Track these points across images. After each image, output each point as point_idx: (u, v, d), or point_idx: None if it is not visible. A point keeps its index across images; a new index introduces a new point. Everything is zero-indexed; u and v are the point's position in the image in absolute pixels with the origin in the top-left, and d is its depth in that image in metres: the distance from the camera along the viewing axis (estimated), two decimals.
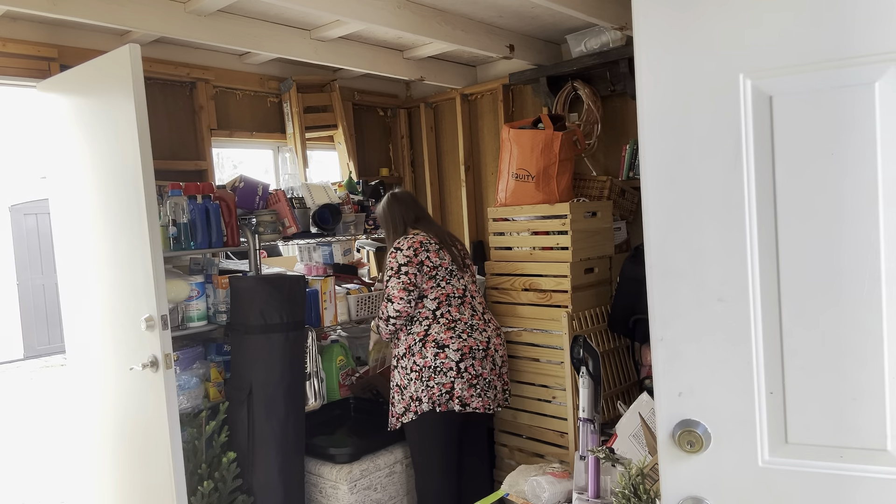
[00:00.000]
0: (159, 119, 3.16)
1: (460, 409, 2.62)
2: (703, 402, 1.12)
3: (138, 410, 2.49)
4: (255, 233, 2.95)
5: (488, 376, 2.68)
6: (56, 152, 2.75)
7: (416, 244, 2.71)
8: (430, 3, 2.91)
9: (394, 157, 4.39)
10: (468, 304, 2.75)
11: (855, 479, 1.04)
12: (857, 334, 1.02)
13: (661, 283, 1.14)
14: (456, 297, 2.73)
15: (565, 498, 2.36)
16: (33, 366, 8.74)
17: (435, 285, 2.71)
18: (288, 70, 3.64)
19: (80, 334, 2.78)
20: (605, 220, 2.96)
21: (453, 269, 2.76)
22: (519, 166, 2.90)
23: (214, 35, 2.84)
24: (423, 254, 2.71)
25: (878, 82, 0.98)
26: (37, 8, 2.34)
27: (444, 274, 2.73)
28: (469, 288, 2.80)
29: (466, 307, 2.73)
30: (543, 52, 3.54)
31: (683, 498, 1.14)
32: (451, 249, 2.80)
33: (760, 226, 1.06)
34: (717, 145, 1.08)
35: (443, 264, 2.73)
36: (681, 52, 1.10)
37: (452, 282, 2.74)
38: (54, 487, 4.26)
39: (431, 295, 2.70)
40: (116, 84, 2.35)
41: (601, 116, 3.30)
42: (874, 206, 0.99)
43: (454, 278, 2.75)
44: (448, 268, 2.74)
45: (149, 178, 2.31)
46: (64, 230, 2.77)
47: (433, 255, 2.72)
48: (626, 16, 2.89)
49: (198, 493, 2.56)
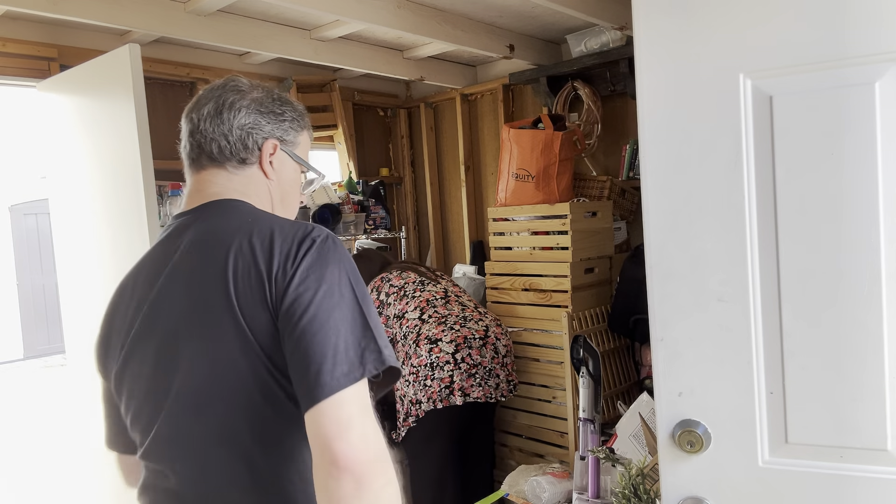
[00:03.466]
0: (159, 119, 3.15)
1: (462, 401, 2.54)
2: (704, 402, 1.12)
3: None
4: None
5: (489, 364, 2.62)
6: (56, 152, 2.75)
7: (371, 288, 2.80)
8: (430, 3, 2.90)
9: (394, 157, 4.39)
10: (454, 301, 2.75)
11: (855, 479, 1.04)
12: (858, 334, 1.02)
13: (661, 284, 1.14)
14: (438, 298, 2.73)
15: (565, 498, 2.36)
16: (33, 366, 8.73)
17: (409, 298, 2.73)
18: (288, 70, 3.64)
19: (80, 334, 2.78)
20: (605, 220, 2.96)
21: (423, 280, 2.81)
22: (519, 166, 2.90)
23: (214, 35, 2.84)
24: (384, 288, 2.81)
25: (878, 82, 0.98)
26: (37, 8, 2.34)
27: (412, 287, 2.77)
28: (450, 289, 2.81)
29: (453, 304, 2.72)
30: (543, 52, 3.54)
31: (683, 498, 1.14)
32: (417, 268, 2.89)
33: (760, 226, 1.06)
34: (718, 145, 1.08)
35: (407, 281, 2.80)
36: (681, 52, 1.10)
37: (427, 288, 2.77)
38: (55, 487, 4.26)
39: (411, 306, 2.70)
40: (116, 84, 2.35)
41: (601, 116, 3.30)
42: (874, 206, 0.99)
43: (427, 286, 2.79)
44: (415, 281, 2.80)
45: (149, 178, 2.31)
46: (64, 230, 2.77)
47: (395, 280, 2.82)
48: (626, 16, 2.89)
49: None
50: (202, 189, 1.09)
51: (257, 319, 0.94)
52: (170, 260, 1.04)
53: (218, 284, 0.96)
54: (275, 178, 1.12)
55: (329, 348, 0.90)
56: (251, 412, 0.97)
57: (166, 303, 1.02)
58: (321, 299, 0.92)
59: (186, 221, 1.07)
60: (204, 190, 1.09)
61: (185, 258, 1.03)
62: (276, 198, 1.14)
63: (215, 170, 1.09)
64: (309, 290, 0.92)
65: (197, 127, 1.09)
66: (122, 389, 1.08)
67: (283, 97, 1.17)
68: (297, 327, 0.91)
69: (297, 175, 1.19)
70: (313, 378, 0.88)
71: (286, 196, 1.16)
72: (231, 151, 1.08)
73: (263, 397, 0.96)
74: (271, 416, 0.97)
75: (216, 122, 1.08)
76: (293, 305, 0.92)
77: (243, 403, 0.96)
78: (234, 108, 1.09)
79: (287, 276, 0.94)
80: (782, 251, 1.05)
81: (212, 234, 1.02)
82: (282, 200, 1.15)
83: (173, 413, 1.00)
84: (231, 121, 1.08)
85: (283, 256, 0.95)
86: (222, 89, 1.12)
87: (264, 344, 0.94)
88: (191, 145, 1.10)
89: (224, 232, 1.01)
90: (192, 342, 0.98)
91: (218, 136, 1.08)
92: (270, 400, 0.96)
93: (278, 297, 0.93)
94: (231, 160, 1.09)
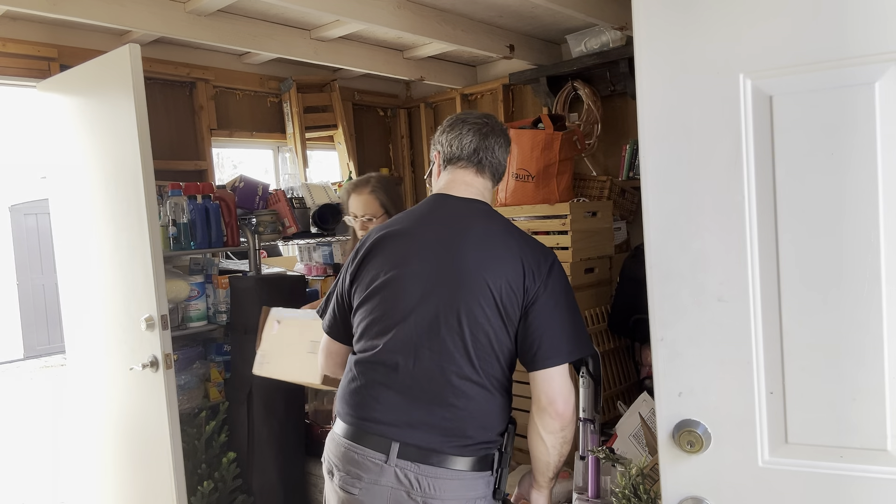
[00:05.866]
0: (159, 119, 3.15)
1: None
2: (703, 402, 1.12)
3: (138, 410, 2.49)
4: (255, 233, 2.95)
5: None
6: (56, 152, 2.75)
7: None
8: (430, 3, 2.90)
9: (394, 157, 4.39)
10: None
11: (855, 479, 1.04)
12: (858, 334, 1.02)
13: (661, 284, 1.14)
14: None
15: (565, 498, 2.36)
16: (33, 366, 8.73)
17: None
18: (288, 70, 3.64)
19: (80, 334, 2.78)
20: (605, 220, 2.96)
21: None
22: (519, 166, 2.89)
23: (214, 35, 2.84)
24: None
25: (878, 82, 0.98)
26: (37, 8, 2.34)
27: None
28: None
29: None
30: (543, 52, 3.54)
31: (683, 498, 1.14)
32: None
33: (760, 226, 1.06)
34: (718, 145, 1.08)
35: None
36: (681, 51, 1.10)
37: None
38: (54, 488, 4.26)
39: None
40: (116, 84, 2.35)
41: (601, 116, 3.30)
42: (874, 206, 0.99)
43: None
44: None
45: (149, 178, 2.31)
46: (64, 230, 2.77)
47: None
48: (626, 16, 2.89)
49: (198, 493, 2.56)
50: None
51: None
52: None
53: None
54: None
55: None
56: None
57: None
58: None
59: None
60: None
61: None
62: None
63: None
64: None
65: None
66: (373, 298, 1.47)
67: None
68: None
69: None
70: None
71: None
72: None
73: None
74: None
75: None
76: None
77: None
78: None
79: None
80: (782, 251, 1.05)
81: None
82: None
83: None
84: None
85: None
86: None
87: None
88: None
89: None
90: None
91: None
92: None
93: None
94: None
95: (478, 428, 1.39)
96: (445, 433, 1.37)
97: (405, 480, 1.36)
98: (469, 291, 1.37)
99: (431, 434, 1.36)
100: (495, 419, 1.42)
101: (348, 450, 1.41)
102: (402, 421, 1.38)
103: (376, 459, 1.37)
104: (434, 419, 1.37)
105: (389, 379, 1.40)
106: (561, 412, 1.38)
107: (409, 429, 1.37)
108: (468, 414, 1.38)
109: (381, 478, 1.37)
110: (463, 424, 1.38)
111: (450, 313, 1.37)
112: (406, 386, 1.38)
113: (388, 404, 1.39)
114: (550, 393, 1.38)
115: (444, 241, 1.43)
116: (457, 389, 1.37)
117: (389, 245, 1.47)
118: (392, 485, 1.36)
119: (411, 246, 1.45)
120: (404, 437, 1.37)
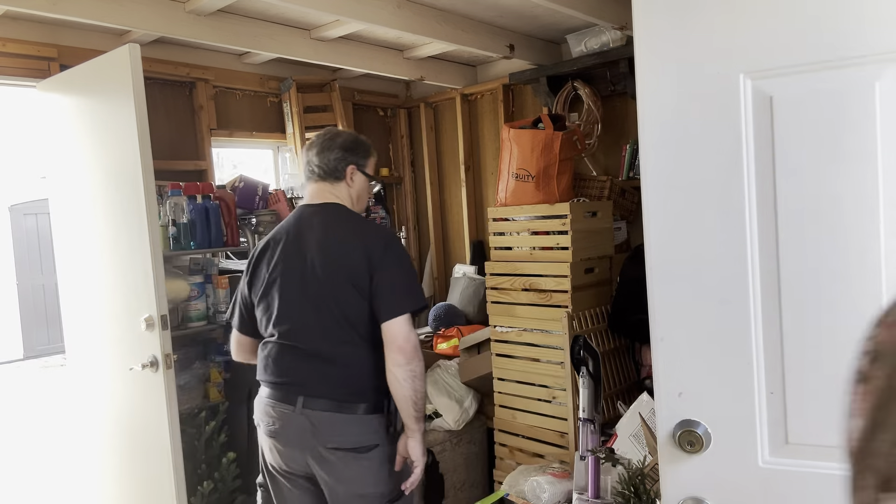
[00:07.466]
0: (159, 119, 3.15)
1: None
2: (704, 403, 1.12)
3: (138, 410, 2.49)
4: (254, 233, 2.95)
5: None
6: (56, 152, 2.75)
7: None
8: (430, 3, 2.90)
9: (394, 157, 4.39)
10: None
11: None
12: (858, 334, 1.02)
13: (661, 284, 1.14)
14: None
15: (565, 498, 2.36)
16: (33, 366, 8.73)
17: None
18: (288, 70, 3.64)
19: (80, 334, 2.78)
20: (605, 220, 2.96)
21: None
22: (519, 166, 2.89)
23: (214, 35, 2.84)
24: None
25: (878, 82, 0.98)
26: (37, 8, 2.34)
27: None
28: None
29: None
30: (543, 52, 3.54)
31: (683, 498, 1.14)
32: None
33: (761, 226, 1.06)
34: (718, 145, 1.08)
35: None
36: (681, 52, 1.10)
37: None
38: (55, 488, 4.26)
39: None
40: (116, 84, 2.35)
41: (601, 116, 3.29)
42: (874, 206, 0.99)
43: None
44: None
45: (149, 178, 2.31)
46: (64, 230, 2.77)
47: None
48: (626, 16, 2.89)
49: (198, 493, 2.56)
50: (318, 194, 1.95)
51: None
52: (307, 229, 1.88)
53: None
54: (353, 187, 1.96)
55: None
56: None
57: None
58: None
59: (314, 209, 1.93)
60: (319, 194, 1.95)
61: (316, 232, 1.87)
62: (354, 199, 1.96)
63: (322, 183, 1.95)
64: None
65: (311, 159, 1.94)
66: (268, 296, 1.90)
67: (360, 139, 2.01)
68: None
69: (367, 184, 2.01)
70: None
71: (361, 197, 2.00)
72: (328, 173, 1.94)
73: None
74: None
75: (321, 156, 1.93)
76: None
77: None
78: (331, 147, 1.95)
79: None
80: (782, 251, 1.05)
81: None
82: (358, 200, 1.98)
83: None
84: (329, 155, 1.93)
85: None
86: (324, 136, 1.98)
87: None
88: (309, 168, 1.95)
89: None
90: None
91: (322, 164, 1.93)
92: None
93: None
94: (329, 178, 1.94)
95: (361, 377, 1.81)
96: (335, 384, 1.79)
97: (307, 424, 1.79)
98: (333, 278, 1.79)
99: (324, 386, 1.79)
100: (371, 369, 1.80)
101: (267, 405, 1.85)
102: (302, 380, 1.81)
103: (286, 409, 1.81)
104: (327, 376, 1.80)
105: (292, 351, 1.83)
106: (401, 346, 1.74)
107: (309, 385, 1.80)
108: (351, 370, 1.80)
109: (292, 421, 1.80)
110: (348, 378, 1.80)
111: (323, 297, 1.79)
112: (304, 354, 1.81)
113: (293, 368, 1.82)
114: (393, 335, 1.75)
115: (309, 241, 1.84)
116: (338, 352, 1.79)
117: (270, 250, 1.90)
118: (300, 425, 1.79)
119: (286, 248, 1.87)
120: (305, 391, 1.79)
